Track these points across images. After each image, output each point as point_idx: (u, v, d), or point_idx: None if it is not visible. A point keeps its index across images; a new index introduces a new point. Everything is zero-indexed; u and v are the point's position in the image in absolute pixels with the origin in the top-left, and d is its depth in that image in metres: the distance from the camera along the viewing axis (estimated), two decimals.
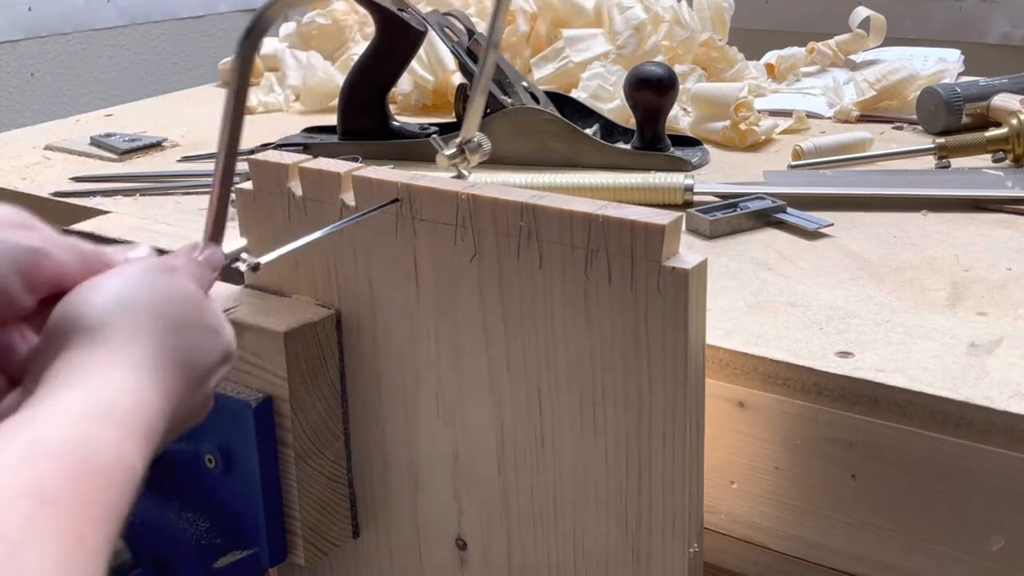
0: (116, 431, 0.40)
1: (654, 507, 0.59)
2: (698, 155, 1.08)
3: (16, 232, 0.46)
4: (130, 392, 0.42)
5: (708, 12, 1.39)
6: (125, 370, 0.43)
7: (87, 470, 0.38)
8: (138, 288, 0.46)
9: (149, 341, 0.45)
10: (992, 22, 2.51)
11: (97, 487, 0.38)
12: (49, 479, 0.36)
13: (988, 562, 0.58)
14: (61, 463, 0.37)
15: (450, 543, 0.69)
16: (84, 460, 0.38)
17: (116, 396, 0.41)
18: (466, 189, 0.62)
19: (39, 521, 0.34)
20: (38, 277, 0.46)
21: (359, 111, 1.12)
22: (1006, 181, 0.96)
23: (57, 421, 0.39)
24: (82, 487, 0.37)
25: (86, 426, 0.39)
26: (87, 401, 0.41)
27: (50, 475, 0.36)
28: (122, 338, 0.44)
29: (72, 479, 0.37)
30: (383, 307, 0.68)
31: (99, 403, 0.41)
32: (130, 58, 2.66)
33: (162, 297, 0.47)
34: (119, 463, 0.39)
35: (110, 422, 0.40)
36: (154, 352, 0.45)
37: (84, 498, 0.37)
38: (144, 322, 0.45)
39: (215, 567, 0.68)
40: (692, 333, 0.56)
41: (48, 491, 0.35)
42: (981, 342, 0.65)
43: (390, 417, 0.70)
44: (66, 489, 0.36)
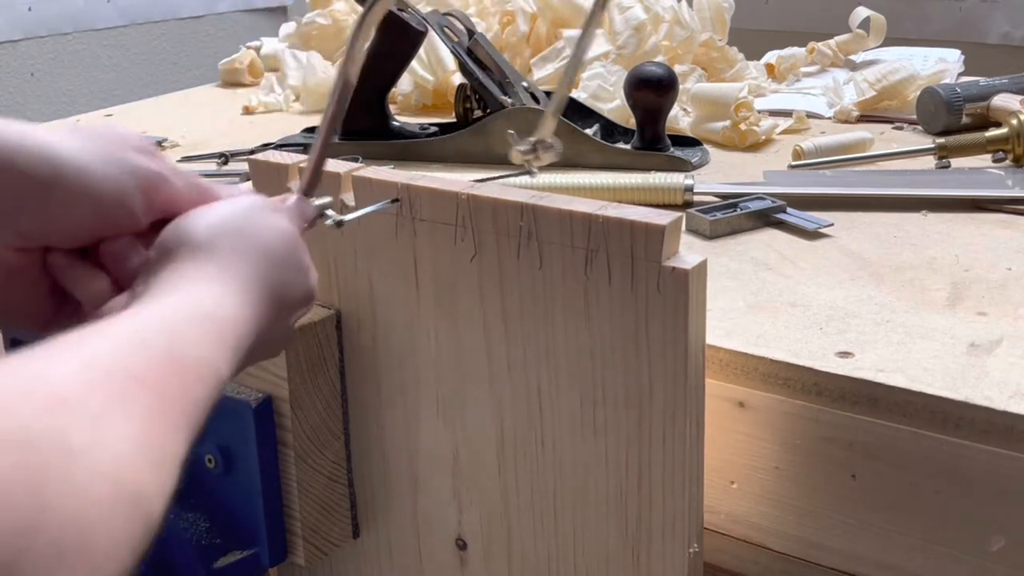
0: (210, 335, 0.43)
1: (654, 507, 0.59)
2: (698, 155, 1.08)
3: (141, 156, 0.50)
4: (227, 305, 0.46)
5: (708, 12, 1.39)
6: (225, 286, 0.46)
7: (177, 362, 0.40)
8: (245, 218, 0.50)
9: (248, 266, 0.48)
10: (992, 22, 2.51)
11: (184, 380, 0.40)
12: (141, 362, 0.39)
13: (988, 562, 0.58)
14: (155, 351, 0.40)
15: (450, 543, 0.69)
16: (176, 353, 0.40)
17: (214, 305, 0.45)
18: (466, 189, 0.62)
19: (125, 397, 0.36)
20: (157, 198, 0.50)
21: (359, 111, 1.12)
22: (1006, 181, 0.96)
23: (158, 316, 0.42)
24: (170, 376, 0.39)
25: (183, 324, 0.42)
26: (187, 304, 0.44)
27: (142, 359, 0.39)
28: (225, 258, 0.48)
29: (162, 367, 0.39)
30: (383, 307, 0.68)
31: (198, 307, 0.44)
32: (130, 58, 2.66)
33: (265, 230, 0.50)
34: (207, 363, 0.42)
35: (205, 326, 0.43)
36: (252, 277, 0.48)
37: (170, 386, 0.39)
38: (246, 249, 0.49)
39: (215, 567, 0.68)
40: (692, 333, 0.56)
41: (137, 372, 0.38)
42: (981, 342, 0.65)
43: (390, 417, 0.70)
44: (155, 374, 0.39)
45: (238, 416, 0.67)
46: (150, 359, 0.39)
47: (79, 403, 0.35)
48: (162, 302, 0.44)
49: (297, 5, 2.87)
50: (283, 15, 2.90)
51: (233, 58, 1.57)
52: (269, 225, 0.51)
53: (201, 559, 0.67)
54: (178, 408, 0.39)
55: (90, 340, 0.39)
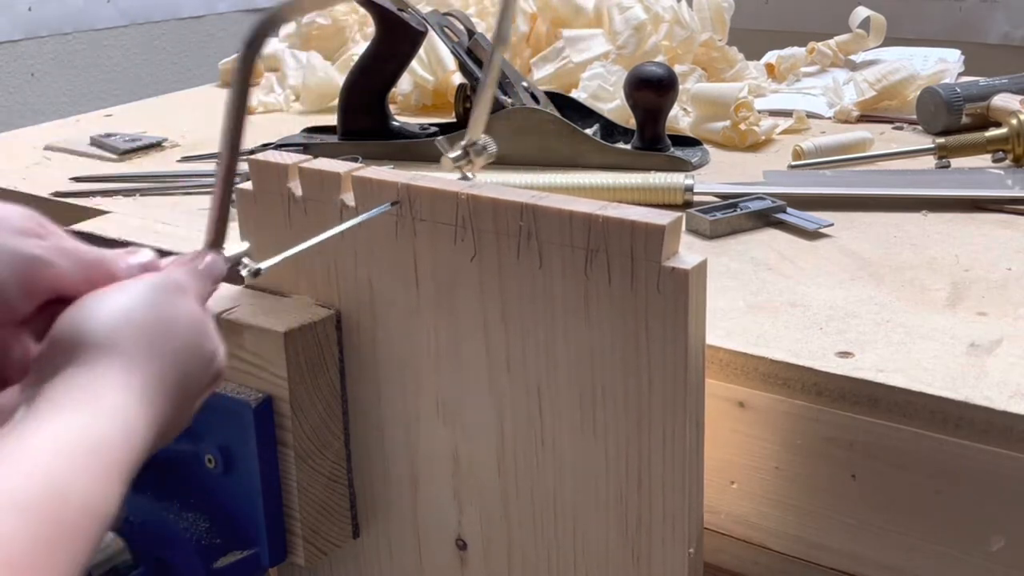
0: (99, 473, 0.40)
1: (654, 507, 0.59)
2: (698, 155, 1.08)
3: (18, 239, 0.46)
4: (121, 423, 0.42)
5: (708, 12, 1.39)
6: (122, 395, 0.43)
7: (58, 526, 0.37)
8: (144, 309, 0.46)
9: (149, 367, 0.45)
10: (992, 22, 2.51)
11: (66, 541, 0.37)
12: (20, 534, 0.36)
13: (988, 562, 0.58)
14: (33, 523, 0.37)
15: (450, 543, 0.69)
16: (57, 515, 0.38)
17: (107, 428, 0.41)
18: (466, 189, 0.62)
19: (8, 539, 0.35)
20: (37, 284, 0.46)
21: (359, 111, 1.12)
22: (1006, 181, 0.96)
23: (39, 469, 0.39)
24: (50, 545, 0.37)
25: (69, 474, 0.39)
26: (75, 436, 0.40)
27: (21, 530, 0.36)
28: (124, 361, 0.44)
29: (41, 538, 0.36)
30: (383, 307, 0.68)
31: (87, 439, 0.40)
32: (130, 58, 2.66)
33: (167, 321, 0.46)
34: (94, 511, 0.39)
35: (94, 464, 0.40)
36: (152, 378, 0.44)
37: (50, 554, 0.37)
38: (146, 347, 0.45)
39: (215, 567, 0.68)
40: (692, 333, 0.56)
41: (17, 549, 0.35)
42: (981, 342, 0.65)
43: (390, 417, 0.70)
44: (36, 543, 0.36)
45: (238, 416, 0.67)
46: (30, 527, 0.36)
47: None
48: (51, 426, 0.40)
49: None
50: None
51: (233, 58, 1.57)
52: (171, 315, 0.47)
53: (201, 559, 0.67)
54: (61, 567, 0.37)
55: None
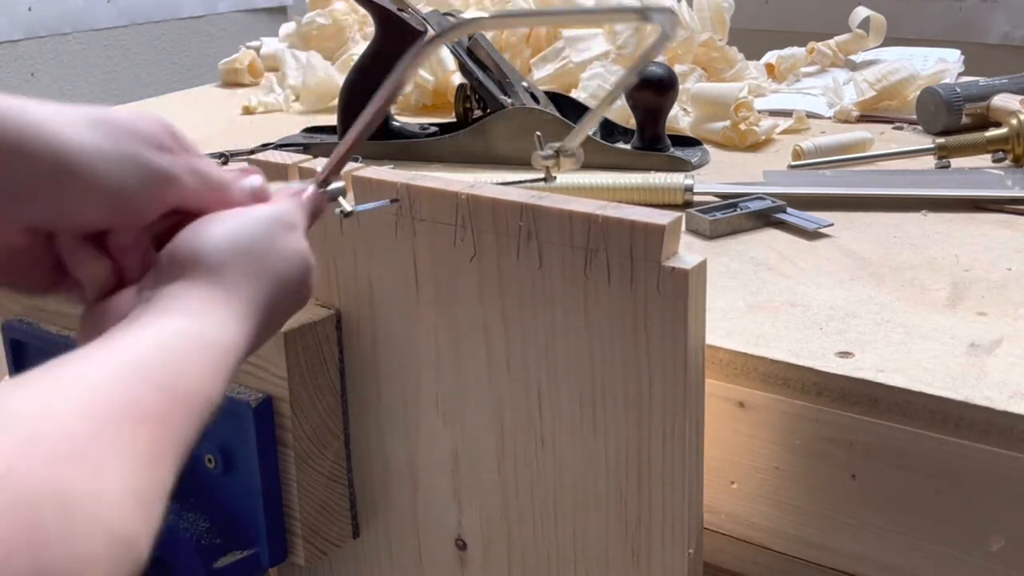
0: (209, 366, 0.44)
1: (654, 507, 0.59)
2: (698, 155, 1.08)
3: (153, 152, 0.50)
4: (227, 333, 0.46)
5: (708, 12, 1.39)
6: (228, 313, 0.47)
7: (177, 397, 0.41)
8: (260, 240, 0.50)
9: (255, 292, 0.48)
10: (992, 22, 2.51)
11: (181, 414, 0.41)
12: (144, 399, 0.39)
13: (988, 562, 0.58)
14: (156, 385, 0.40)
15: (450, 543, 0.69)
16: (176, 388, 0.41)
17: (216, 333, 0.45)
18: (466, 189, 0.62)
19: (125, 438, 0.37)
20: (164, 197, 0.50)
21: (359, 111, 1.12)
22: (1006, 181, 0.96)
23: (159, 345, 0.42)
24: (169, 412, 0.40)
25: (184, 354, 0.43)
26: (190, 331, 0.44)
27: (145, 395, 0.39)
28: (233, 282, 0.48)
29: (162, 403, 0.40)
30: (383, 307, 0.68)
31: (201, 335, 0.44)
32: (130, 58, 2.66)
33: (276, 253, 0.50)
34: (204, 394, 0.43)
35: (205, 356, 0.44)
36: (256, 303, 0.48)
37: (168, 423, 0.40)
38: (254, 274, 0.49)
39: (215, 567, 0.68)
40: (692, 333, 0.56)
41: (138, 410, 0.38)
42: (981, 342, 0.65)
43: (390, 417, 0.70)
44: (155, 412, 0.39)
45: (238, 416, 0.67)
46: (151, 394, 0.39)
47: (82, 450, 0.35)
48: (165, 325, 0.44)
49: (297, 5, 2.87)
50: (283, 15, 2.90)
51: (233, 58, 1.57)
52: (281, 248, 0.51)
53: (201, 559, 0.67)
54: (173, 445, 0.40)
55: (94, 368, 0.39)
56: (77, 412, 0.36)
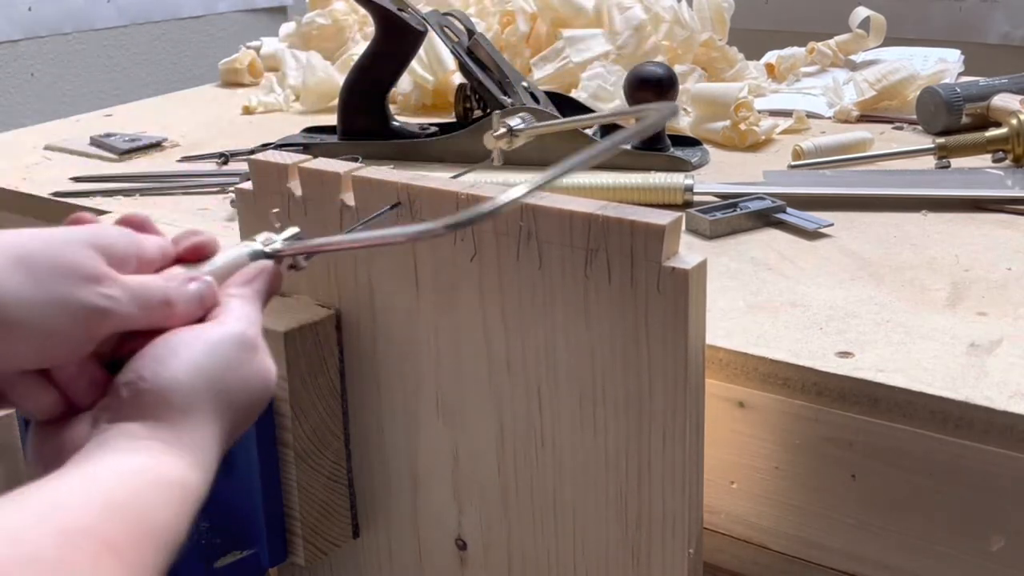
0: (175, 503, 0.43)
1: (654, 507, 0.59)
2: (698, 155, 1.08)
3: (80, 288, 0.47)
4: (193, 473, 0.45)
5: (708, 12, 1.39)
6: (197, 453, 0.46)
7: (147, 532, 0.41)
8: (220, 373, 0.48)
9: (219, 429, 0.48)
10: (992, 22, 2.51)
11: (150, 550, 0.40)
12: (113, 529, 0.39)
13: (988, 562, 0.58)
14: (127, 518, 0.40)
15: (450, 543, 0.69)
16: (146, 523, 0.41)
17: (181, 473, 0.45)
18: (466, 189, 0.62)
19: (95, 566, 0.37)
20: (100, 329, 0.48)
21: (359, 111, 1.12)
22: (1006, 181, 0.96)
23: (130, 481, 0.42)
24: (139, 547, 0.40)
25: (152, 492, 0.42)
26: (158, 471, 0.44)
27: (115, 526, 0.39)
28: (199, 423, 0.47)
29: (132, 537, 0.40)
30: (383, 307, 0.68)
31: (168, 475, 0.44)
32: (130, 58, 2.66)
33: (241, 385, 0.49)
34: (172, 531, 0.42)
35: (172, 494, 0.43)
36: (222, 435, 0.48)
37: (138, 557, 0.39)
38: (220, 411, 0.48)
39: (215, 567, 0.68)
40: (692, 333, 0.56)
41: (109, 540, 0.38)
42: (981, 342, 0.65)
43: (390, 417, 0.70)
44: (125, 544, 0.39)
45: None
46: (122, 526, 0.39)
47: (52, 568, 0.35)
48: (132, 463, 0.43)
49: (297, 5, 2.87)
50: (283, 15, 2.90)
51: (233, 58, 1.57)
52: (247, 376, 0.49)
53: (201, 559, 0.67)
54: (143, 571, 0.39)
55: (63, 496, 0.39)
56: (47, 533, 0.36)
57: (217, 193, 1.03)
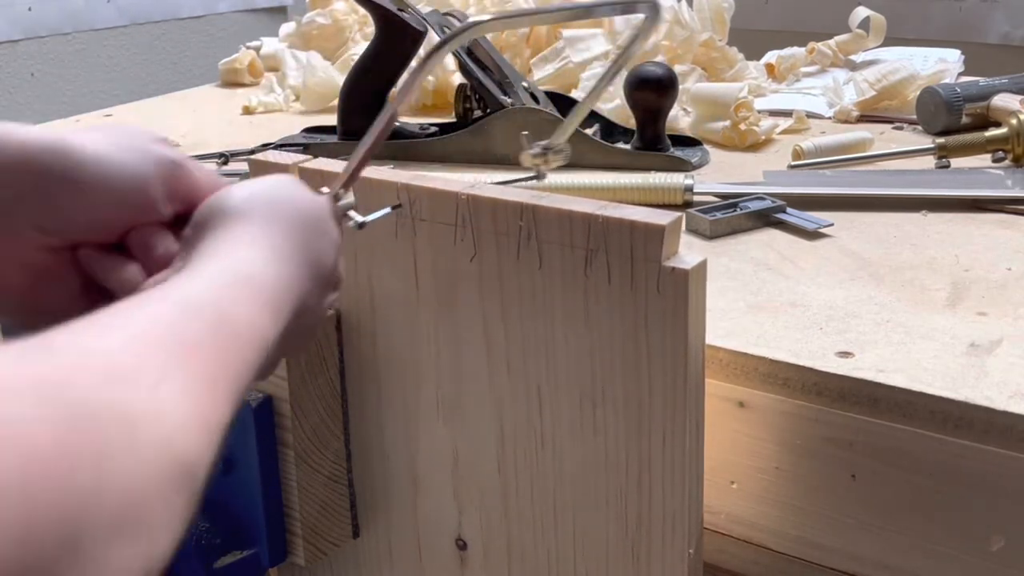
0: (254, 297, 0.43)
1: (654, 507, 0.59)
2: (698, 155, 1.08)
3: (159, 145, 0.51)
4: (267, 267, 0.46)
5: (708, 12, 1.39)
6: (262, 250, 0.46)
7: (228, 327, 0.40)
8: (277, 189, 0.50)
9: (284, 231, 0.48)
10: (992, 22, 2.51)
11: (234, 345, 0.40)
12: (192, 330, 0.39)
13: (988, 562, 0.58)
14: (204, 319, 0.40)
15: (450, 543, 0.69)
16: (226, 318, 0.41)
17: (254, 269, 0.45)
18: (466, 189, 0.62)
19: (179, 366, 0.36)
20: (177, 187, 0.51)
21: (359, 111, 1.12)
22: (1006, 181, 0.96)
23: (204, 283, 0.42)
24: (221, 342, 0.39)
25: (228, 290, 0.42)
26: (229, 270, 0.44)
27: (194, 327, 0.39)
28: (260, 223, 0.48)
29: (213, 333, 0.39)
30: (383, 307, 0.68)
31: (239, 272, 0.44)
32: (130, 58, 2.66)
33: (297, 199, 0.50)
34: (255, 326, 0.42)
35: (248, 290, 0.43)
36: (288, 240, 0.48)
37: (221, 352, 0.39)
38: (281, 215, 0.49)
39: (215, 567, 0.68)
40: (692, 333, 0.56)
41: (190, 340, 0.38)
42: (981, 342, 0.65)
43: (390, 417, 0.70)
44: (206, 341, 0.39)
45: (238, 416, 0.67)
46: (201, 325, 0.39)
47: (135, 374, 0.34)
48: (205, 269, 0.44)
49: (297, 5, 2.87)
50: (283, 15, 2.90)
51: (233, 58, 1.57)
52: (303, 197, 0.51)
53: (201, 559, 0.67)
54: (228, 375, 0.39)
55: (140, 309, 0.38)
56: (126, 342, 0.35)
57: None
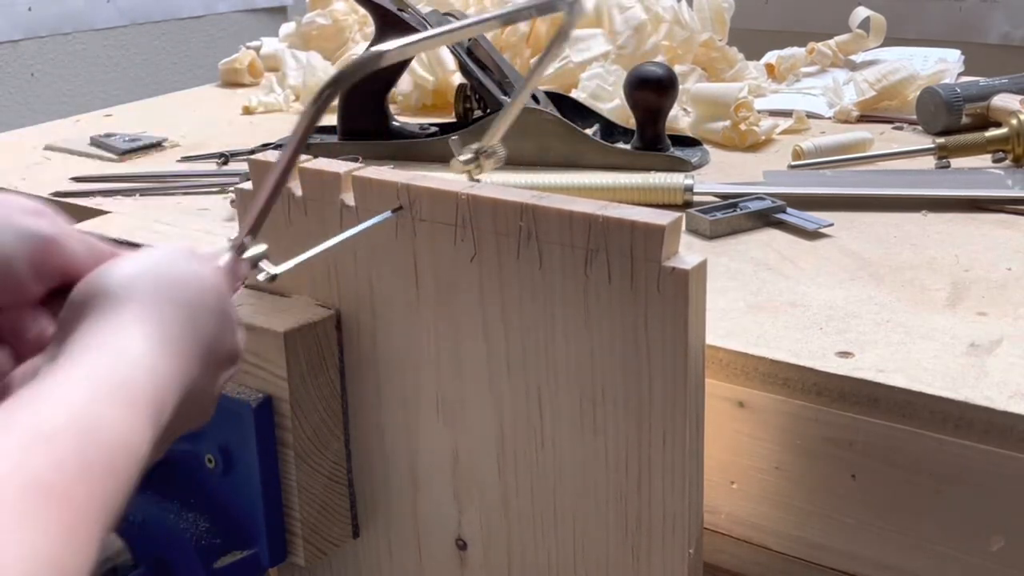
0: (126, 409, 0.39)
1: (654, 507, 0.59)
2: (698, 155, 1.08)
3: (28, 218, 0.46)
4: (145, 365, 0.41)
5: (708, 12, 1.39)
6: (143, 341, 0.42)
7: (88, 458, 0.36)
8: (163, 265, 0.45)
9: (169, 316, 0.44)
10: (992, 22, 2.51)
11: (97, 476, 0.36)
12: (46, 469, 0.34)
13: (988, 562, 0.58)
14: (61, 452, 0.35)
15: (450, 543, 0.69)
16: (86, 448, 0.36)
17: (131, 370, 0.40)
18: (466, 189, 0.62)
19: (30, 512, 0.33)
20: (48, 264, 0.46)
21: (359, 111, 1.12)
22: (1006, 181, 0.96)
23: (65, 401, 0.38)
24: (81, 477, 0.35)
25: (95, 405, 0.38)
26: (100, 374, 0.40)
27: (48, 465, 0.34)
28: (143, 309, 0.43)
29: (70, 469, 0.35)
30: (383, 307, 0.68)
31: (112, 377, 0.40)
32: (130, 58, 2.66)
33: (188, 279, 0.46)
34: (124, 446, 0.38)
35: (121, 399, 0.39)
36: (173, 328, 0.43)
37: (81, 488, 0.35)
38: (166, 298, 0.44)
39: (215, 567, 0.68)
40: (692, 333, 0.56)
41: (44, 482, 0.34)
42: (981, 342, 0.65)
43: (390, 417, 0.70)
44: (63, 480, 0.35)
45: (238, 416, 0.67)
46: (57, 464, 0.35)
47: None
48: (72, 374, 0.39)
49: (297, 5, 2.87)
50: (283, 15, 2.90)
51: (233, 58, 1.57)
52: (191, 272, 0.46)
53: (201, 559, 0.67)
54: (90, 515, 0.35)
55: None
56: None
57: (217, 193, 1.03)
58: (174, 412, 0.42)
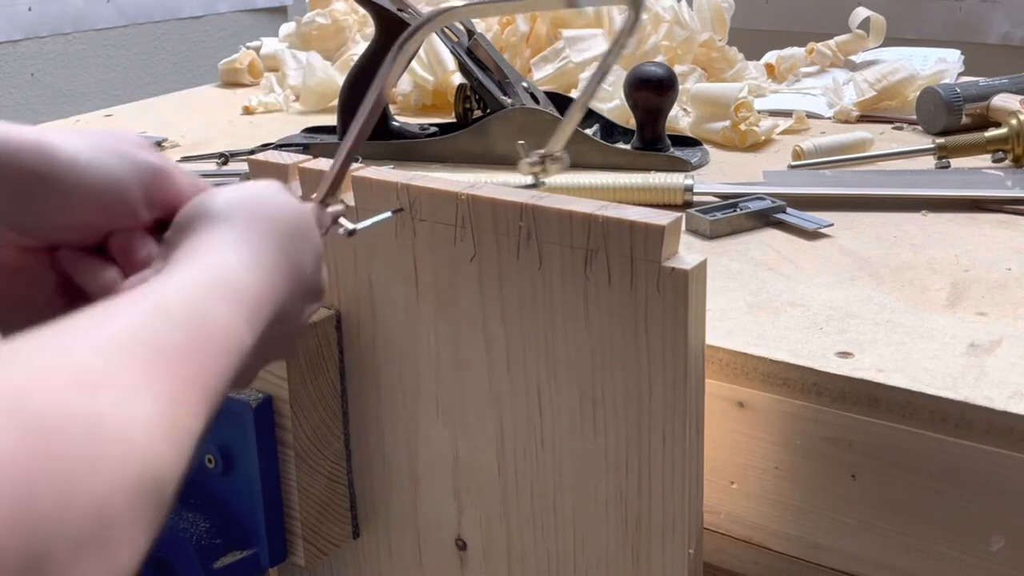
0: (231, 305, 0.43)
1: (654, 507, 0.59)
2: (698, 155, 1.08)
3: (141, 150, 0.50)
4: (245, 271, 0.45)
5: (708, 12, 1.39)
6: (242, 253, 0.46)
7: (202, 334, 0.40)
8: (262, 193, 0.50)
9: (265, 237, 0.48)
10: (992, 22, 2.51)
11: (207, 353, 0.40)
12: (167, 337, 0.38)
13: (988, 562, 0.58)
14: (179, 325, 0.39)
15: (450, 543, 0.69)
16: (200, 325, 0.40)
17: (232, 273, 0.44)
18: (466, 190, 0.62)
19: (150, 374, 0.36)
20: (158, 193, 0.50)
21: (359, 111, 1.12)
22: (1006, 181, 0.96)
23: (178, 287, 0.41)
24: (195, 349, 0.39)
25: (205, 294, 0.42)
26: (207, 273, 0.43)
27: (168, 333, 0.38)
28: (242, 227, 0.47)
29: (187, 341, 0.39)
30: (383, 307, 0.68)
31: (218, 276, 0.43)
32: (130, 58, 2.66)
33: (282, 205, 0.50)
34: (230, 333, 0.41)
35: (226, 294, 0.43)
36: (269, 247, 0.47)
37: (195, 359, 0.38)
38: (263, 220, 0.48)
39: (215, 567, 0.68)
40: (692, 333, 0.56)
41: (164, 347, 0.37)
42: (981, 342, 0.65)
43: (390, 417, 0.70)
44: (181, 348, 0.38)
45: (238, 416, 0.67)
46: (176, 332, 0.38)
47: (104, 382, 0.33)
48: (182, 273, 0.43)
49: (297, 5, 2.87)
50: (283, 15, 2.91)
51: (233, 58, 1.57)
52: (288, 202, 0.50)
53: (201, 559, 0.67)
54: (202, 383, 0.38)
55: (112, 314, 0.38)
56: (97, 348, 0.35)
57: None
58: (267, 326, 0.45)
